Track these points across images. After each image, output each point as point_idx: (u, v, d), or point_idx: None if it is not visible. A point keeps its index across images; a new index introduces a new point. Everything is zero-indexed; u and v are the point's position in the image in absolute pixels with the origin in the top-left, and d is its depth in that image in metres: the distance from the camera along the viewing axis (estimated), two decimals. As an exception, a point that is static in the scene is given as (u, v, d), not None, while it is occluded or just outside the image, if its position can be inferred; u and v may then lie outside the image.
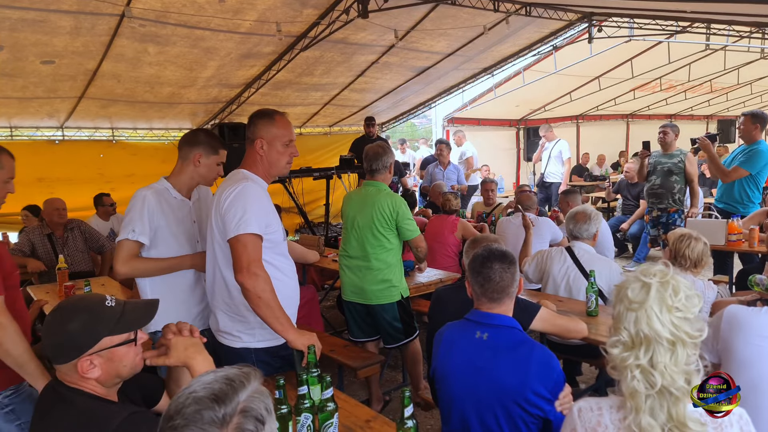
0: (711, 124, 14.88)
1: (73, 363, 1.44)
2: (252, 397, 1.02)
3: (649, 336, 1.30)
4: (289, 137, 2.31)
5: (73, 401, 1.43)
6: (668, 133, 5.44)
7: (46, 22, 4.56)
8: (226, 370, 1.06)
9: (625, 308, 1.35)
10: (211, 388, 1.01)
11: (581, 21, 7.17)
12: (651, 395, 1.29)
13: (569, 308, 3.04)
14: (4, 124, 6.75)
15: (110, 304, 1.50)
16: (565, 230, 3.50)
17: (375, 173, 3.40)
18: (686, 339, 1.30)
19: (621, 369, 1.35)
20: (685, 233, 3.00)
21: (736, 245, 4.64)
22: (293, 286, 2.37)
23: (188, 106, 7.30)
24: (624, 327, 1.34)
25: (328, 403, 1.81)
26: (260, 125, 2.27)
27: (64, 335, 1.44)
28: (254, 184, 2.22)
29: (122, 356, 1.49)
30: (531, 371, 1.84)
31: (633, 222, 7.38)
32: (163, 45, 5.36)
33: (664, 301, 1.31)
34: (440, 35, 6.54)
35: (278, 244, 2.27)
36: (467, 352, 1.96)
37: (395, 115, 10.04)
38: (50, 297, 3.88)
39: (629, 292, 1.35)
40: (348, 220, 3.47)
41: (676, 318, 1.31)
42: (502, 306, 1.98)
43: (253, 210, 2.13)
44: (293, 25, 5.54)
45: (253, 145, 2.28)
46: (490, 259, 1.96)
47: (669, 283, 1.33)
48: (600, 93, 10.44)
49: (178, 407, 1.00)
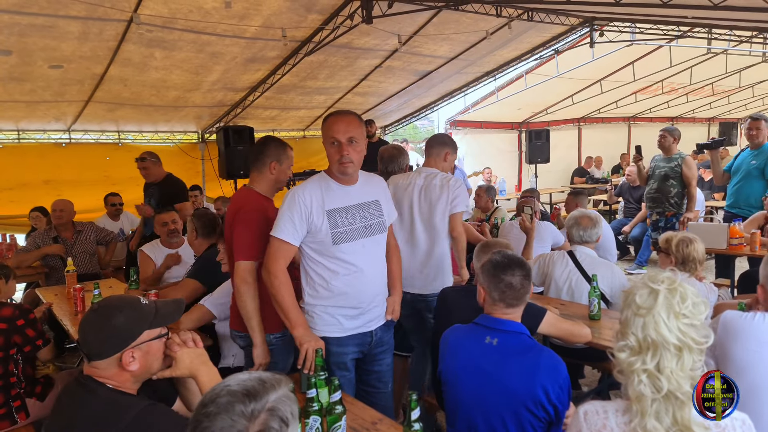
0: (713, 127, 14.90)
1: (115, 357, 1.52)
2: (281, 399, 1.11)
3: (657, 341, 1.33)
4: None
5: (96, 391, 1.51)
6: (666, 137, 5.44)
7: (54, 28, 4.62)
8: (260, 373, 1.15)
9: (632, 313, 1.38)
10: (244, 385, 1.10)
11: (583, 26, 7.21)
12: (657, 399, 1.31)
13: (571, 312, 3.07)
14: (12, 128, 6.81)
15: (144, 302, 1.61)
16: (567, 233, 3.52)
17: (391, 175, 3.50)
18: (693, 345, 1.33)
19: (628, 373, 1.37)
20: (683, 237, 3.03)
21: (738, 249, 4.66)
22: (346, 289, 2.35)
23: (193, 110, 7.36)
24: (631, 332, 1.36)
25: (337, 406, 1.85)
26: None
27: (111, 329, 1.52)
28: (300, 190, 2.33)
29: (156, 351, 1.60)
30: (539, 375, 1.88)
31: (635, 225, 7.41)
32: (169, 50, 5.42)
33: (671, 308, 1.34)
34: (443, 40, 6.59)
35: (327, 247, 2.32)
36: (475, 357, 2.00)
37: (398, 118, 10.10)
38: (59, 299, 3.92)
39: (637, 298, 1.37)
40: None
41: (683, 324, 1.33)
42: (516, 312, 2.03)
43: (282, 216, 2.29)
44: (298, 30, 5.59)
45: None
46: (512, 267, 2.00)
47: (677, 290, 1.36)
48: (602, 96, 10.47)
49: (212, 397, 1.09)
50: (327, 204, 2.32)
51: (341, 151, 2.28)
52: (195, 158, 8.25)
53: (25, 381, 3.03)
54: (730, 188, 5.26)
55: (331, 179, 2.37)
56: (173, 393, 1.80)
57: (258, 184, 2.64)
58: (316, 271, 2.35)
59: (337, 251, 2.32)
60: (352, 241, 2.34)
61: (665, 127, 5.69)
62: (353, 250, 2.35)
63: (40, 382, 3.14)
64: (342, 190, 2.37)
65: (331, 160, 2.34)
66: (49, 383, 3.16)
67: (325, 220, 2.29)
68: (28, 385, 3.05)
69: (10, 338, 2.92)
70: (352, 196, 2.39)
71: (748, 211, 5.01)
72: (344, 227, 2.32)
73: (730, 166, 5.27)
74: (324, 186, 2.36)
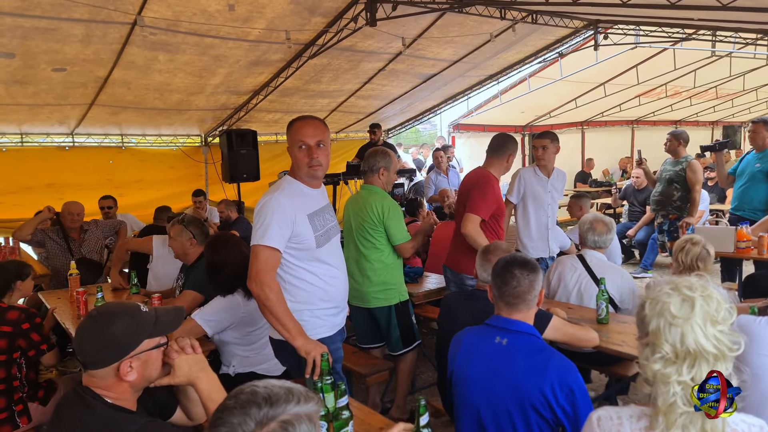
0: (716, 130, 14.86)
1: (113, 366, 1.47)
2: (299, 415, 1.05)
3: (695, 351, 1.29)
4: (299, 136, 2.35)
5: (93, 407, 1.46)
6: (671, 141, 5.44)
7: (57, 30, 4.61)
8: (294, 384, 1.10)
9: (666, 323, 1.33)
10: (269, 390, 1.06)
11: (587, 28, 7.19)
12: (687, 411, 1.28)
13: (579, 315, 3.04)
14: (15, 131, 6.81)
15: (144, 310, 1.56)
16: (580, 237, 3.48)
17: (365, 174, 3.46)
18: (727, 353, 1.30)
19: (660, 384, 1.33)
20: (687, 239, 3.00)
21: (745, 252, 4.63)
22: (332, 289, 2.42)
23: (197, 113, 7.35)
24: (666, 341, 1.32)
25: (343, 411, 1.82)
26: (288, 131, 2.39)
27: (108, 338, 1.47)
28: (280, 196, 2.26)
29: (154, 360, 1.55)
30: (548, 375, 1.86)
31: (639, 228, 7.37)
32: (173, 53, 5.42)
33: (708, 316, 1.31)
34: (447, 43, 6.58)
35: (311, 250, 2.31)
36: (486, 357, 2.00)
37: (401, 122, 10.09)
38: (62, 303, 3.90)
39: (672, 307, 1.33)
40: (345, 224, 3.53)
41: (718, 332, 1.30)
42: (521, 313, 2.02)
43: (272, 224, 2.20)
44: (302, 33, 5.58)
45: (290, 150, 2.38)
46: (512, 264, 2.02)
47: (712, 297, 1.33)
48: (605, 99, 10.45)
49: (237, 392, 1.08)
50: (306, 208, 2.32)
51: (311, 154, 2.29)
52: (198, 162, 8.25)
53: (27, 385, 3.01)
54: (734, 191, 5.26)
55: (300, 183, 2.36)
56: (173, 402, 1.76)
57: (494, 168, 3.61)
58: (299, 276, 2.34)
59: (319, 254, 2.35)
60: (327, 242, 2.40)
61: (672, 131, 5.67)
62: (329, 252, 2.41)
63: (43, 386, 3.12)
64: (312, 193, 2.39)
65: (300, 163, 2.32)
66: (52, 387, 3.14)
67: (308, 224, 2.29)
68: (30, 389, 3.03)
69: (14, 342, 2.90)
70: (318, 199, 2.43)
71: (753, 214, 5.00)
72: (322, 230, 2.36)
73: (735, 168, 5.26)
74: (297, 190, 2.34)
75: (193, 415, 1.77)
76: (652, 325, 1.36)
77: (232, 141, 7.01)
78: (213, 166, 8.14)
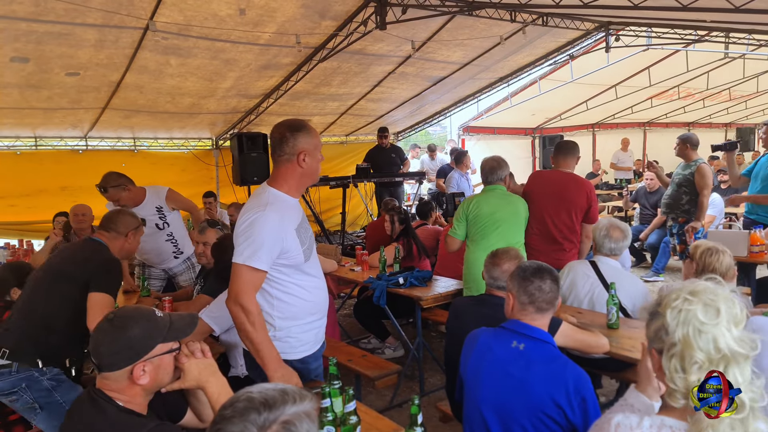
0: (730, 132, 14.70)
1: (127, 369, 1.50)
2: (298, 414, 1.07)
3: (727, 354, 1.27)
4: (319, 143, 2.33)
5: (105, 410, 1.48)
6: (680, 145, 5.37)
7: (71, 35, 4.67)
8: (286, 385, 1.12)
9: (695, 330, 1.30)
10: (265, 394, 1.08)
11: (598, 30, 7.15)
12: (731, 416, 1.24)
13: (589, 320, 3.01)
14: (30, 134, 6.91)
15: (159, 314, 1.59)
16: (595, 243, 3.45)
17: (492, 183, 3.85)
18: (750, 353, 1.28)
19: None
20: (711, 246, 2.95)
21: (759, 257, 4.57)
22: (319, 300, 2.38)
23: (208, 116, 7.41)
24: (699, 349, 1.29)
25: (351, 416, 1.83)
26: (301, 138, 2.20)
27: (125, 341, 1.50)
28: (271, 213, 2.13)
29: (167, 365, 1.57)
30: (563, 384, 1.87)
31: (651, 231, 7.30)
32: (184, 57, 5.47)
33: (733, 317, 1.30)
34: (456, 45, 6.57)
35: (299, 265, 2.24)
36: (501, 359, 2.01)
37: (411, 124, 10.09)
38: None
39: (699, 314, 1.31)
40: (485, 218, 3.70)
41: (741, 332, 1.30)
42: (544, 319, 2.05)
43: (263, 246, 2.08)
44: (312, 36, 5.61)
45: (293, 159, 2.21)
46: (542, 271, 2.07)
47: (731, 299, 1.32)
48: (617, 101, 10.38)
49: (232, 401, 1.08)
50: (293, 221, 2.23)
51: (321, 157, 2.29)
52: (209, 164, 8.31)
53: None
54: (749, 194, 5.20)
55: (285, 195, 2.24)
56: (183, 404, 1.79)
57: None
58: (287, 291, 2.24)
59: (306, 267, 2.28)
60: (311, 254, 2.34)
61: (680, 135, 5.62)
62: (313, 263, 2.35)
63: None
64: (294, 202, 2.29)
65: (314, 174, 2.27)
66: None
67: (296, 238, 2.21)
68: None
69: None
70: (298, 208, 2.33)
71: (767, 218, 4.94)
72: (307, 242, 2.28)
73: (750, 170, 5.20)
74: (284, 204, 2.22)
75: (204, 417, 1.79)
76: (678, 334, 1.32)
77: (242, 144, 7.05)
78: (224, 169, 8.19)
